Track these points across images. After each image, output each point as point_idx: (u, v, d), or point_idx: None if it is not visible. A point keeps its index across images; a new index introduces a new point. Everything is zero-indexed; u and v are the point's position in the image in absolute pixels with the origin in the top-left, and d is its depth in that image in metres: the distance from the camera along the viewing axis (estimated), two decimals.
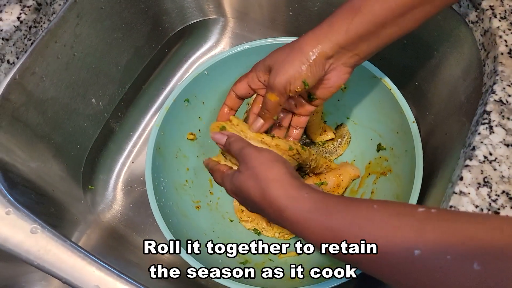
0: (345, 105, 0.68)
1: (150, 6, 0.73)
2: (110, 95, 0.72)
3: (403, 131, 0.58)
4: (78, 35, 0.61)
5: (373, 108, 0.64)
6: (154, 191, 0.56)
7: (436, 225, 0.30)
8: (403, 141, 0.58)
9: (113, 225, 0.72)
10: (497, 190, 0.41)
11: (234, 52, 0.63)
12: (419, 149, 0.54)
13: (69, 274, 0.45)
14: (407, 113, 0.57)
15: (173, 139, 0.63)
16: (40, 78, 0.58)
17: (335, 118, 0.71)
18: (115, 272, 0.45)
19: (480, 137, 0.43)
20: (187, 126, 0.66)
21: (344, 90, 0.66)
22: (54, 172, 0.64)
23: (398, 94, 0.58)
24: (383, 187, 0.62)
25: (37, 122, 0.59)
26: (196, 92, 0.64)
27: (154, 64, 0.79)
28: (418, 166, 0.53)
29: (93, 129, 0.71)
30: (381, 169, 0.64)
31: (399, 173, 0.60)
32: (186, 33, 0.81)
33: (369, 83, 0.62)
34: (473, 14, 0.52)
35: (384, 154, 0.64)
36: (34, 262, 0.46)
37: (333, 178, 0.68)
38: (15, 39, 0.53)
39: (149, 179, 0.56)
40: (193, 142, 0.67)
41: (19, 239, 0.47)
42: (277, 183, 0.39)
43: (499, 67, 0.46)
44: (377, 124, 0.65)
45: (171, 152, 0.63)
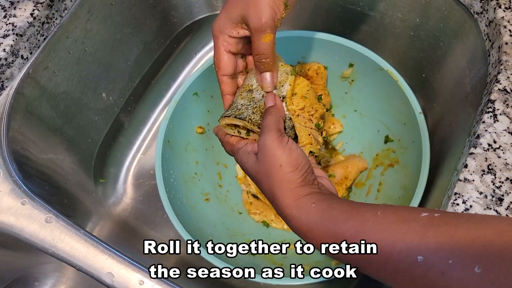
0: (353, 97, 0.69)
1: (158, 1, 0.74)
2: (120, 89, 0.73)
3: (410, 122, 0.58)
4: (89, 31, 0.63)
5: (380, 100, 0.64)
6: (164, 183, 0.57)
7: (439, 230, 0.30)
8: (410, 132, 0.59)
9: (124, 217, 0.73)
10: (501, 177, 0.41)
11: None
12: (425, 139, 0.54)
13: (82, 261, 0.46)
14: (413, 104, 0.57)
15: (182, 132, 0.64)
16: (53, 73, 0.59)
17: (343, 110, 0.71)
18: (126, 259, 0.46)
19: (484, 125, 0.44)
20: (196, 119, 0.67)
21: (352, 82, 0.67)
22: (67, 164, 0.65)
23: (405, 85, 0.59)
24: (391, 179, 0.63)
25: (50, 115, 0.61)
26: (205, 86, 0.65)
27: (163, 59, 0.80)
28: (425, 156, 0.53)
29: (103, 123, 0.72)
30: (389, 160, 0.64)
31: (406, 164, 0.60)
32: (194, 28, 0.82)
33: (376, 75, 0.62)
34: (478, 4, 0.52)
35: (391, 145, 0.65)
36: (49, 250, 0.47)
37: (340, 170, 0.68)
38: (29, 34, 0.54)
39: (159, 171, 0.58)
40: (202, 135, 0.68)
41: (34, 228, 0.48)
42: (288, 193, 0.39)
43: (503, 57, 0.47)
44: (385, 115, 0.65)
45: (181, 145, 0.65)
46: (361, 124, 0.70)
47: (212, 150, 0.69)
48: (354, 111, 0.70)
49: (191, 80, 0.63)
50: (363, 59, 0.62)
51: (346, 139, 0.72)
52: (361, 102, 0.69)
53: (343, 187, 0.68)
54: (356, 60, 0.63)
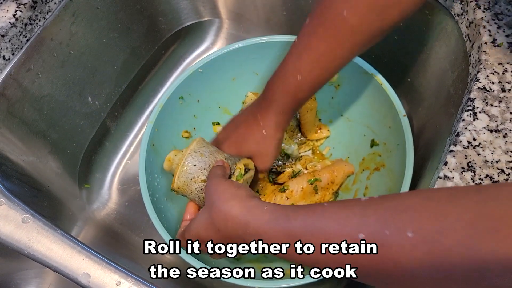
0: (339, 102, 0.69)
1: (145, 7, 0.74)
2: (106, 94, 0.73)
3: (395, 125, 0.58)
4: (74, 34, 0.63)
5: (366, 104, 0.64)
6: (148, 186, 0.57)
7: (377, 207, 0.32)
8: (395, 135, 0.59)
9: (109, 222, 0.72)
10: (481, 174, 0.41)
11: (228, 50, 0.64)
12: (409, 142, 0.54)
13: (58, 262, 0.45)
14: (397, 107, 0.57)
15: (168, 136, 0.64)
16: (36, 75, 0.59)
17: (329, 115, 0.71)
18: (103, 259, 0.45)
19: (464, 123, 0.44)
20: (182, 124, 0.66)
21: (338, 87, 0.67)
22: (50, 168, 0.65)
23: (389, 88, 0.59)
24: (377, 183, 0.62)
25: (33, 118, 0.60)
26: (191, 90, 0.65)
27: (151, 64, 0.80)
28: (409, 158, 0.53)
29: (89, 127, 0.72)
30: (375, 164, 0.64)
31: (392, 168, 0.60)
32: (182, 34, 0.82)
33: (361, 79, 0.62)
34: (458, 6, 0.52)
35: (377, 149, 0.64)
36: (25, 251, 0.46)
37: (327, 175, 0.68)
38: (11, 35, 0.54)
39: (142, 174, 0.57)
40: (188, 140, 0.67)
41: (10, 229, 0.47)
42: (238, 204, 0.41)
43: (483, 56, 0.47)
44: (370, 120, 0.65)
45: (166, 149, 0.64)
46: (348, 128, 0.70)
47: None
48: (340, 116, 0.70)
49: (177, 84, 0.63)
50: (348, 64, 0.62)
51: (333, 144, 0.71)
52: (347, 106, 0.68)
53: (330, 191, 0.67)
54: None
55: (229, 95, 0.69)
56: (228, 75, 0.67)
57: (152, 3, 0.75)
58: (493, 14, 0.49)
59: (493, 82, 0.45)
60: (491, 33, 0.48)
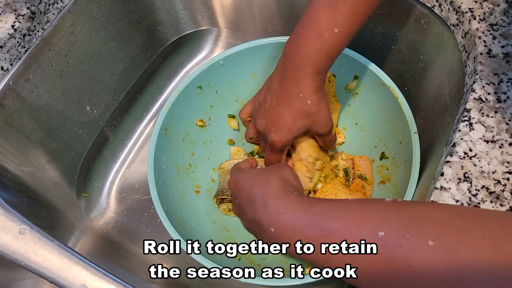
0: (355, 110, 0.68)
1: (144, 17, 0.75)
2: (105, 103, 0.73)
3: (406, 141, 0.57)
4: (72, 44, 0.63)
5: (381, 116, 0.63)
6: (155, 168, 0.57)
7: (401, 210, 0.34)
8: (404, 151, 0.58)
9: (107, 231, 0.72)
10: (477, 185, 0.41)
11: (251, 46, 0.64)
12: (417, 159, 0.53)
13: (55, 273, 0.45)
14: (410, 123, 0.56)
15: (182, 123, 0.64)
16: (34, 85, 0.59)
17: (344, 122, 0.70)
18: (101, 271, 0.45)
19: (460, 134, 0.44)
20: (198, 112, 0.66)
21: (355, 95, 0.66)
22: (48, 177, 0.65)
23: (404, 103, 0.57)
24: (379, 195, 0.62)
25: (31, 128, 0.61)
26: (210, 81, 0.65)
27: (149, 73, 0.80)
28: (413, 176, 0.52)
29: (88, 136, 0.72)
30: (381, 177, 0.63)
31: (396, 182, 0.59)
32: (180, 43, 0.83)
33: (378, 90, 0.61)
34: (453, 17, 0.53)
35: (385, 163, 0.63)
36: (22, 262, 0.46)
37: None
38: (9, 46, 0.55)
39: (151, 156, 0.57)
40: (202, 128, 0.67)
41: (7, 240, 0.47)
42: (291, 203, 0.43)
43: (478, 67, 0.47)
44: (383, 132, 0.64)
45: (178, 135, 0.64)
46: (360, 138, 0.68)
47: (211, 145, 0.69)
48: (355, 124, 0.69)
49: (197, 73, 0.63)
50: (367, 73, 0.61)
51: (345, 151, 0.70)
52: (362, 116, 0.67)
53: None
54: (361, 73, 0.62)
55: (248, 90, 0.68)
56: (248, 70, 0.67)
57: (151, 13, 0.76)
58: (488, 25, 0.49)
59: (489, 92, 0.45)
60: (487, 44, 0.48)
